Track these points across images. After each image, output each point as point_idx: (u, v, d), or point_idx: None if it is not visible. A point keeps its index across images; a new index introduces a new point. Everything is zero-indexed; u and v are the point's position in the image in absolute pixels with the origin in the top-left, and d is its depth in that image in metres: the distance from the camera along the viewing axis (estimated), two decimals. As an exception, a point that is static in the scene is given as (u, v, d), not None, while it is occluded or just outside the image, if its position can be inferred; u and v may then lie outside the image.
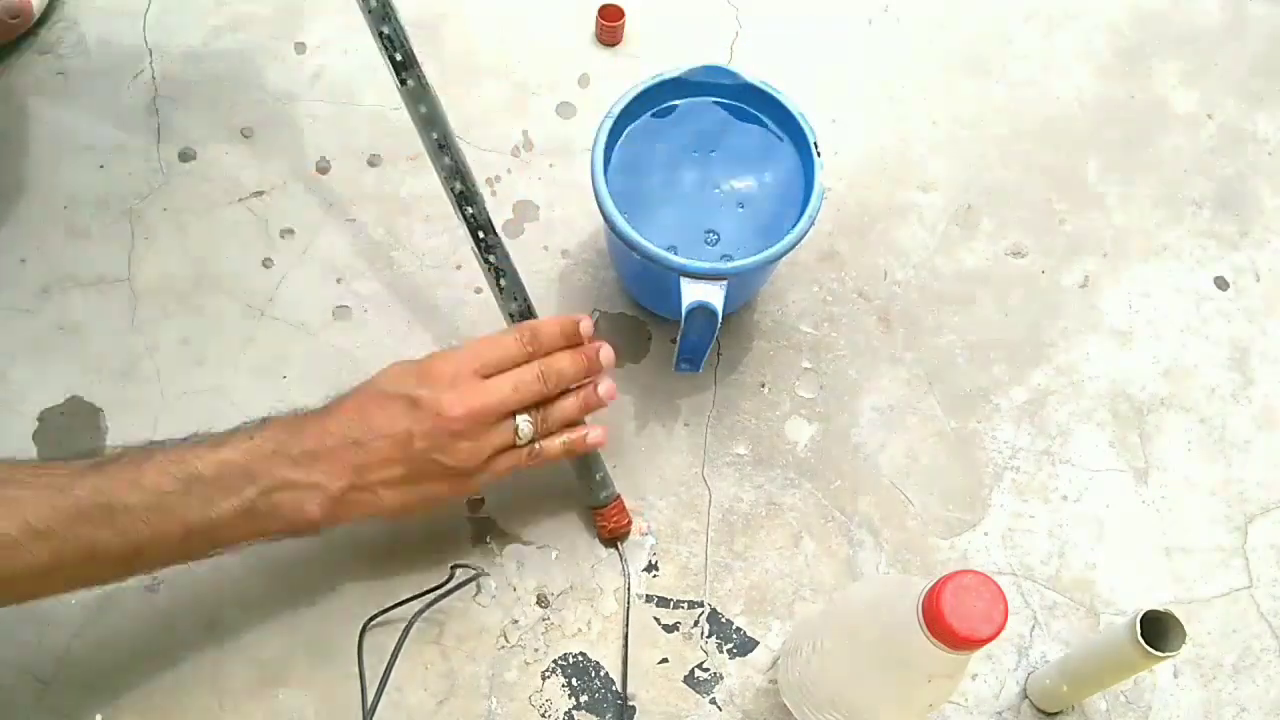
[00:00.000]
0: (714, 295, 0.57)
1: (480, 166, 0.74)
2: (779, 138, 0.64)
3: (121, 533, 0.45)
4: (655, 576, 0.62)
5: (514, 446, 0.54)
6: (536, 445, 0.55)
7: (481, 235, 0.59)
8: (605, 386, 0.57)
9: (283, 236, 0.71)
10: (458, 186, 0.58)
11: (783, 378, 0.68)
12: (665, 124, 0.65)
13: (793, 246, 0.59)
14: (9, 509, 0.43)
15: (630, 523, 0.62)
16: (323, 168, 0.74)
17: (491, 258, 0.59)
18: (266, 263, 0.70)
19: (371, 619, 0.58)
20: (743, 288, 0.65)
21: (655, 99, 0.64)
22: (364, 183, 0.73)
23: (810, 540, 0.64)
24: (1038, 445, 0.68)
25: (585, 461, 0.61)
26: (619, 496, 0.62)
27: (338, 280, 0.70)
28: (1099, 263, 0.74)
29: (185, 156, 0.74)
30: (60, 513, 0.44)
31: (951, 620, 0.38)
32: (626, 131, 0.64)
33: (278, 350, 0.67)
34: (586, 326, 0.57)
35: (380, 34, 0.55)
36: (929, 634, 0.39)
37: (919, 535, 0.64)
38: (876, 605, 0.44)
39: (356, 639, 0.58)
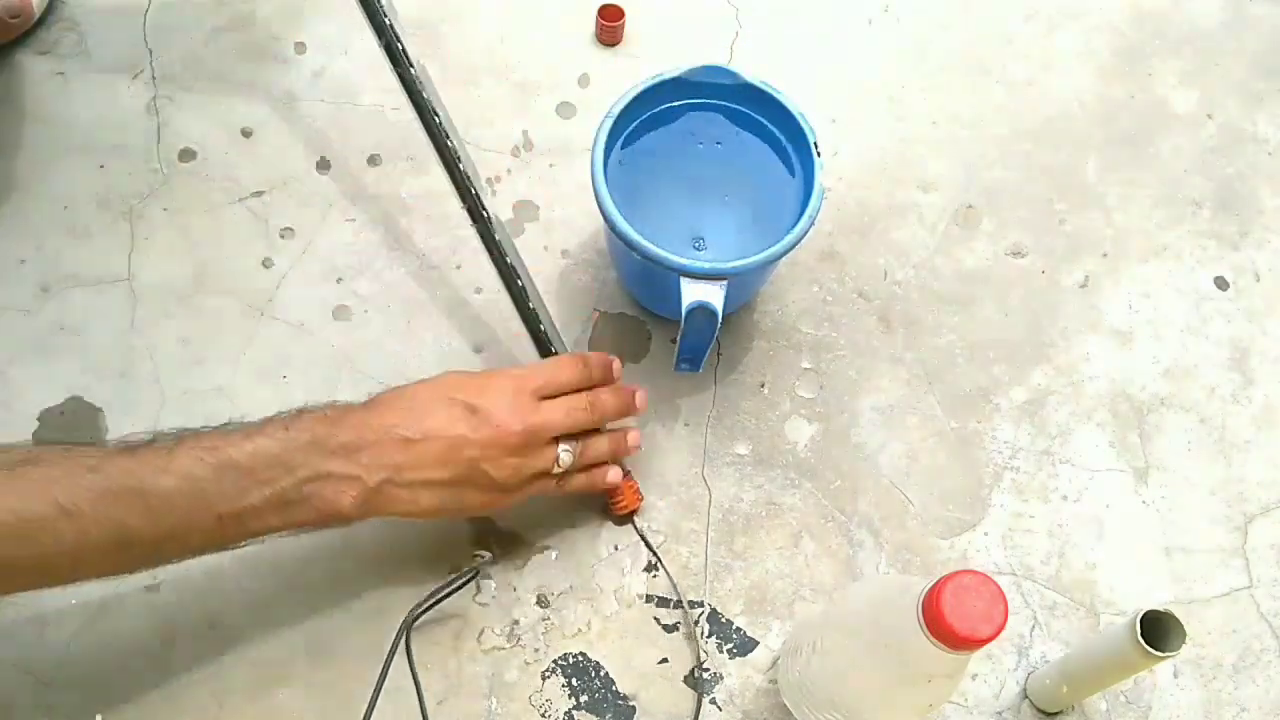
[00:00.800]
0: (714, 295, 0.57)
1: (480, 166, 0.73)
2: (779, 138, 0.64)
3: (152, 516, 0.44)
4: (655, 576, 0.62)
5: (549, 474, 0.55)
6: (568, 476, 0.56)
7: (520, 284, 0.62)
8: (634, 436, 0.60)
9: (283, 236, 0.71)
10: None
11: (783, 378, 0.68)
12: (665, 124, 0.65)
13: (793, 246, 0.59)
14: (38, 488, 0.42)
15: (641, 499, 0.63)
16: (323, 167, 0.74)
17: (530, 304, 0.62)
18: (266, 263, 0.70)
19: (417, 617, 0.58)
20: (743, 288, 0.65)
21: (655, 99, 0.64)
22: (364, 182, 0.73)
23: (810, 540, 0.64)
24: (1038, 445, 0.68)
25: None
26: (629, 473, 0.63)
27: (338, 280, 0.70)
28: (1099, 263, 0.74)
29: (185, 156, 0.73)
30: (90, 492, 0.43)
31: (951, 620, 0.38)
32: (627, 131, 0.64)
33: (278, 350, 0.67)
34: (619, 368, 0.60)
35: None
36: (929, 634, 0.39)
37: (919, 535, 0.64)
38: (876, 605, 0.44)
39: (372, 638, 0.58)
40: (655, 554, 0.62)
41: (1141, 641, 0.49)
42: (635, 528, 0.63)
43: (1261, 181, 0.78)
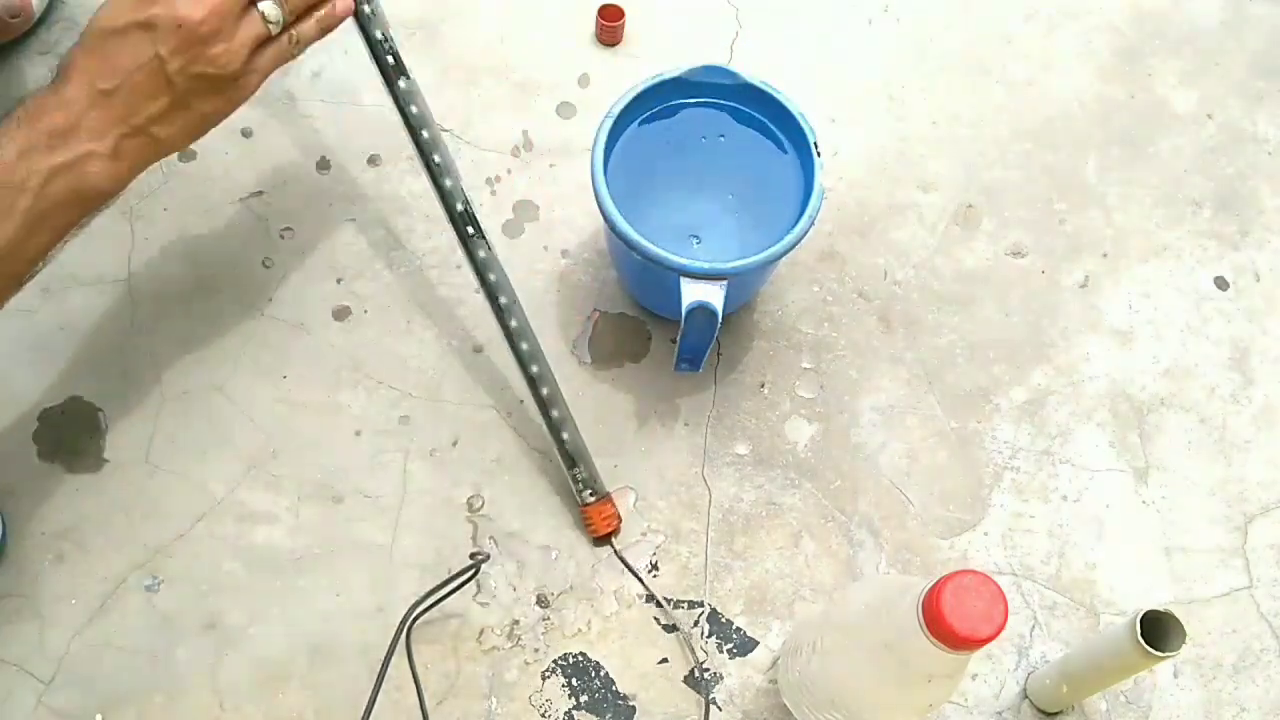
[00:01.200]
0: (714, 295, 0.57)
1: (480, 166, 0.74)
2: (779, 138, 0.64)
3: None
4: (655, 576, 0.62)
5: (270, 38, 0.51)
6: (293, 32, 0.52)
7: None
8: None
9: (282, 236, 0.71)
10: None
11: (783, 378, 0.68)
12: (665, 124, 0.65)
13: (793, 246, 0.59)
14: None
15: (619, 522, 0.62)
16: (323, 167, 0.74)
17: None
18: (266, 262, 0.70)
19: (417, 616, 0.58)
20: (743, 288, 0.65)
21: (655, 99, 0.64)
22: (364, 182, 0.73)
23: (810, 540, 0.64)
24: (1038, 445, 0.68)
25: (569, 456, 0.61)
26: (609, 495, 0.62)
27: (337, 280, 0.70)
28: (1099, 262, 0.74)
29: (185, 156, 0.73)
30: None
31: (951, 620, 0.38)
32: (626, 131, 0.63)
33: (277, 350, 0.67)
34: None
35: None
36: (929, 634, 0.39)
37: (919, 535, 0.64)
38: (876, 605, 0.44)
39: (372, 637, 0.58)
40: (636, 576, 0.62)
41: (1142, 641, 0.49)
42: (614, 550, 0.62)
43: (1262, 181, 0.78)
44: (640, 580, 0.62)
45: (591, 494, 0.62)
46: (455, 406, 0.66)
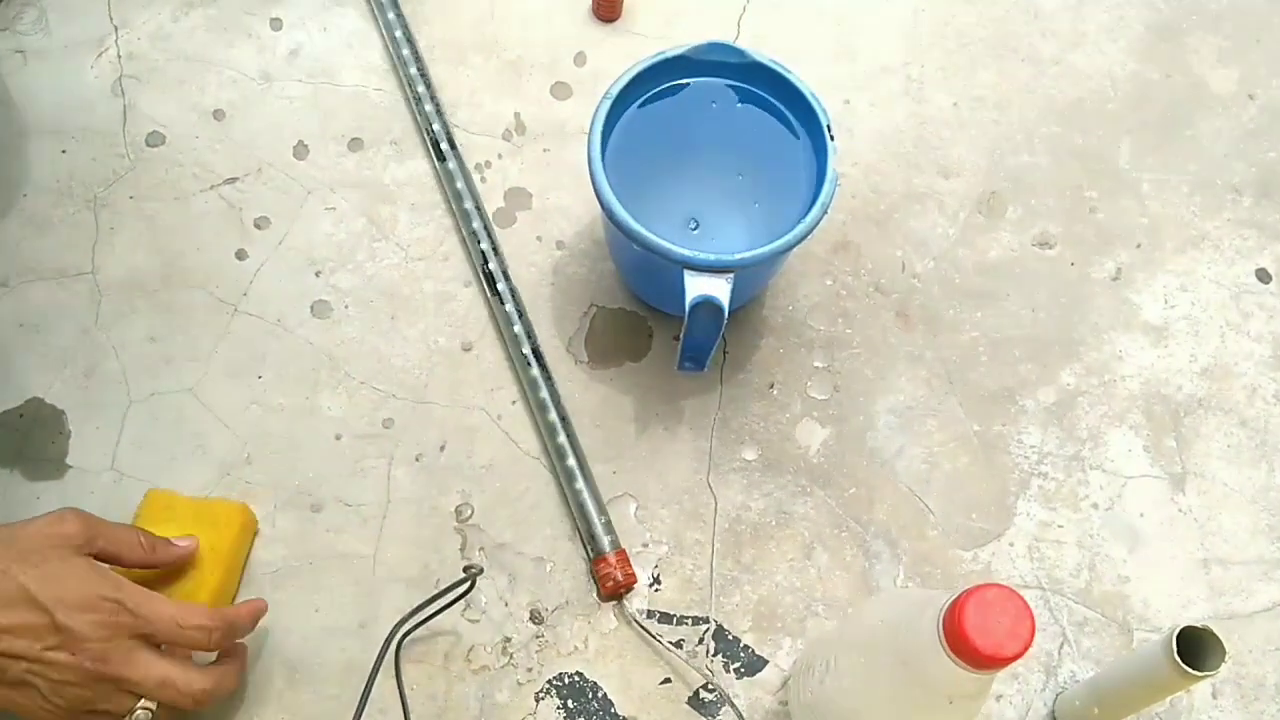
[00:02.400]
0: (720, 289, 0.57)
1: (468, 151, 0.74)
2: (790, 120, 0.64)
3: None
4: (657, 590, 0.62)
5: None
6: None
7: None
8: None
9: (258, 226, 0.71)
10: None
11: (793, 378, 0.68)
12: (668, 106, 0.65)
13: (804, 237, 0.58)
14: None
15: (634, 580, 0.61)
16: (300, 152, 0.74)
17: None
18: (240, 254, 0.70)
19: (405, 633, 0.58)
20: (751, 281, 0.65)
21: (657, 79, 0.64)
22: (345, 168, 0.73)
23: (823, 552, 0.64)
24: (1067, 449, 0.68)
25: (580, 503, 0.62)
26: (621, 549, 0.62)
27: (316, 273, 0.70)
28: (1132, 254, 0.74)
29: (153, 141, 0.73)
30: None
31: (974, 637, 0.38)
32: (626, 114, 0.64)
33: (252, 348, 0.67)
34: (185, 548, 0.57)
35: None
36: (950, 652, 0.39)
37: (939, 546, 0.64)
38: (894, 621, 0.44)
39: (354, 656, 0.58)
40: (654, 636, 0.61)
41: (1178, 660, 0.49)
42: (624, 610, 0.61)
43: (1307, 167, 0.78)
44: (662, 644, 0.61)
45: (609, 541, 0.62)
46: (443, 409, 0.66)
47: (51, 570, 0.49)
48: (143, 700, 0.50)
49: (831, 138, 0.61)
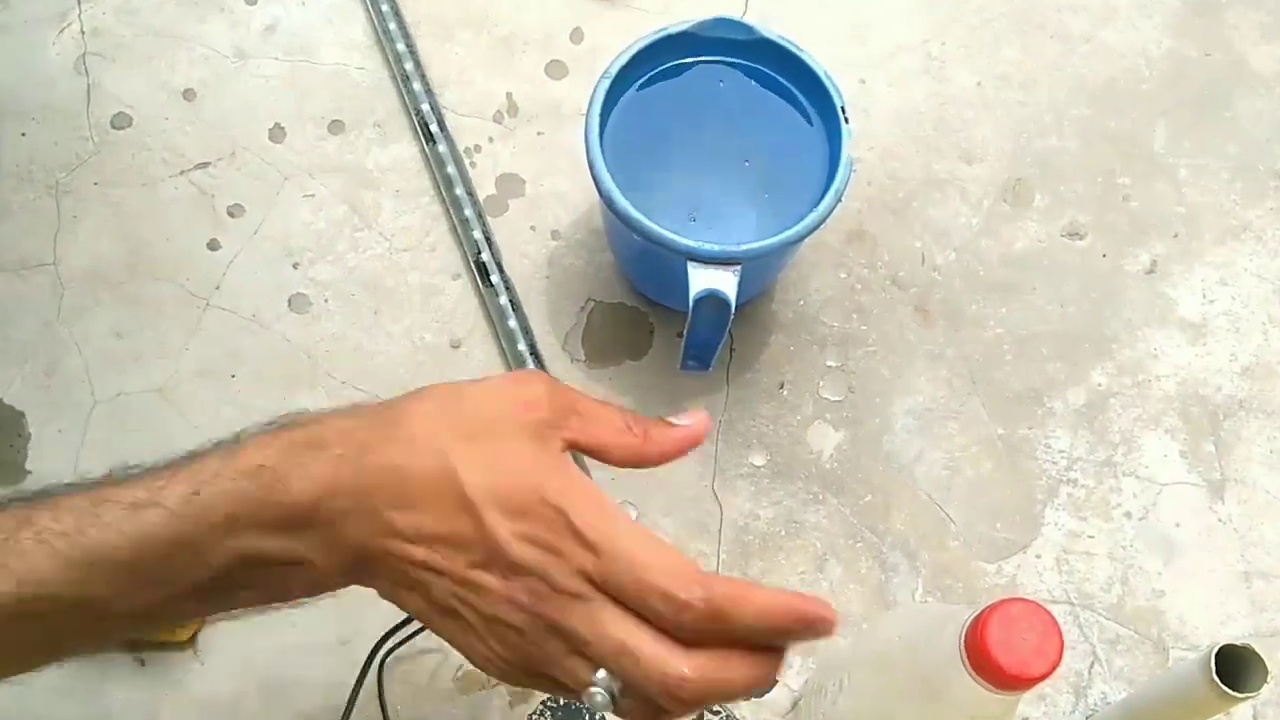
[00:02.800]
0: (726, 282, 0.57)
1: (457, 135, 0.74)
2: (801, 102, 0.64)
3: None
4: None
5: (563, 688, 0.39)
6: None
7: None
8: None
9: (231, 214, 0.71)
10: None
11: (805, 377, 0.68)
12: (671, 86, 0.65)
13: (817, 226, 0.58)
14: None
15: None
16: (277, 135, 0.74)
17: None
18: (212, 244, 0.70)
19: (389, 651, 0.57)
20: (759, 274, 0.65)
21: (659, 57, 0.64)
22: (324, 152, 0.73)
23: (836, 564, 0.64)
24: (1098, 455, 0.68)
25: None
26: None
27: (294, 265, 0.70)
28: (1168, 245, 0.74)
29: (119, 123, 0.73)
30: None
31: (998, 655, 0.38)
32: (626, 94, 0.63)
33: (225, 345, 0.67)
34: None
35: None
36: (973, 671, 0.39)
37: (961, 558, 0.64)
38: (912, 638, 0.44)
39: (334, 674, 0.58)
40: None
41: (1216, 680, 0.49)
42: None
43: (1355, 151, 0.78)
44: None
45: None
46: (429, 410, 0.66)
47: (495, 450, 0.37)
48: (601, 671, 0.36)
49: (846, 120, 0.61)
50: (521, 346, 0.66)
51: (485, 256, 0.69)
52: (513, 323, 0.67)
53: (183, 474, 0.39)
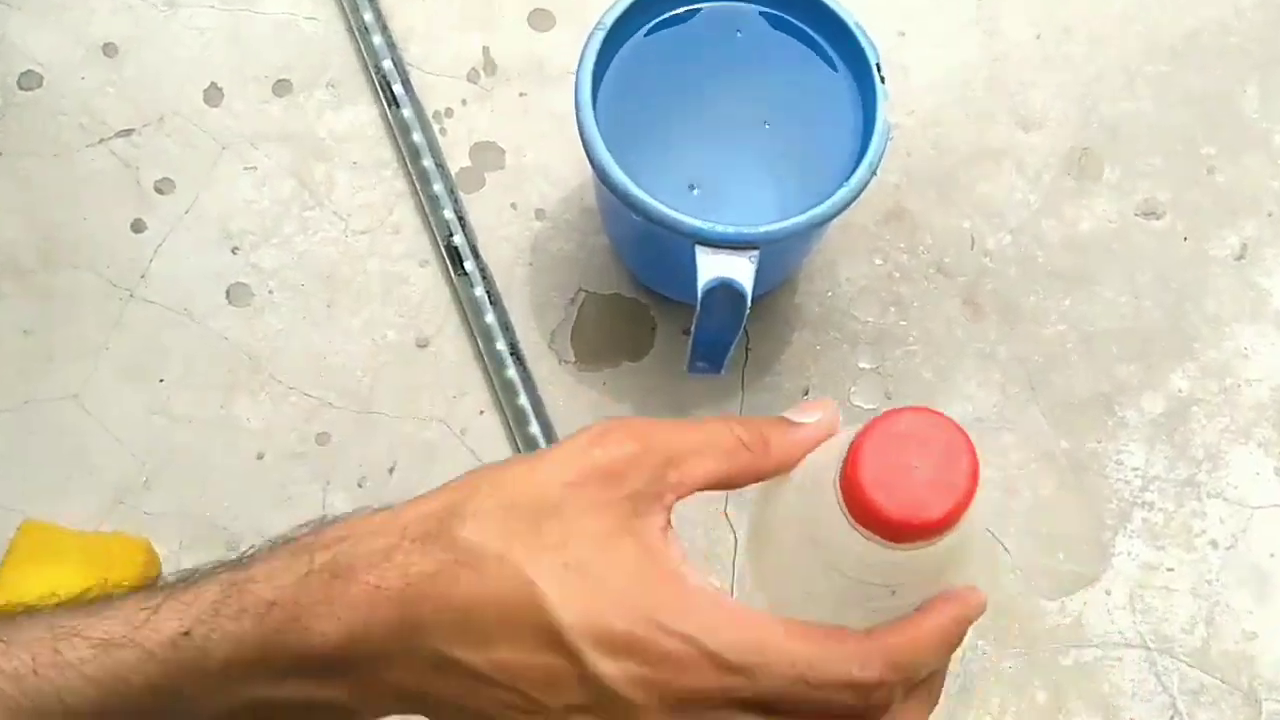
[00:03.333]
0: (741, 270, 0.57)
1: (425, 96, 0.73)
2: (829, 56, 0.64)
3: None
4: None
5: None
6: None
7: None
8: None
9: (159, 190, 0.71)
10: None
11: (834, 381, 0.68)
12: (676, 38, 0.65)
13: (847, 204, 0.58)
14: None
15: None
16: (213, 98, 0.74)
17: None
18: (137, 226, 0.70)
19: None
20: (780, 260, 0.65)
21: (663, 3, 0.64)
22: (269, 117, 0.73)
23: (871, 601, 0.64)
24: (1178, 473, 0.68)
25: None
26: None
27: (233, 249, 0.70)
28: (1261, 225, 0.74)
29: (27, 83, 0.73)
30: None
31: (875, 494, 0.31)
32: (624, 47, 0.63)
33: (152, 344, 0.67)
34: None
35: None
36: (852, 519, 0.32)
37: (1017, 595, 0.64)
38: (799, 482, 0.37)
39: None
40: None
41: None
42: None
43: None
44: None
45: None
46: (392, 420, 0.66)
47: (583, 561, 0.34)
48: None
49: (882, 79, 0.61)
50: (500, 346, 0.66)
51: (458, 240, 0.69)
52: (490, 318, 0.67)
53: (172, 604, 0.35)
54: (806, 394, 0.68)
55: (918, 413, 0.32)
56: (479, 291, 0.68)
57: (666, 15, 0.64)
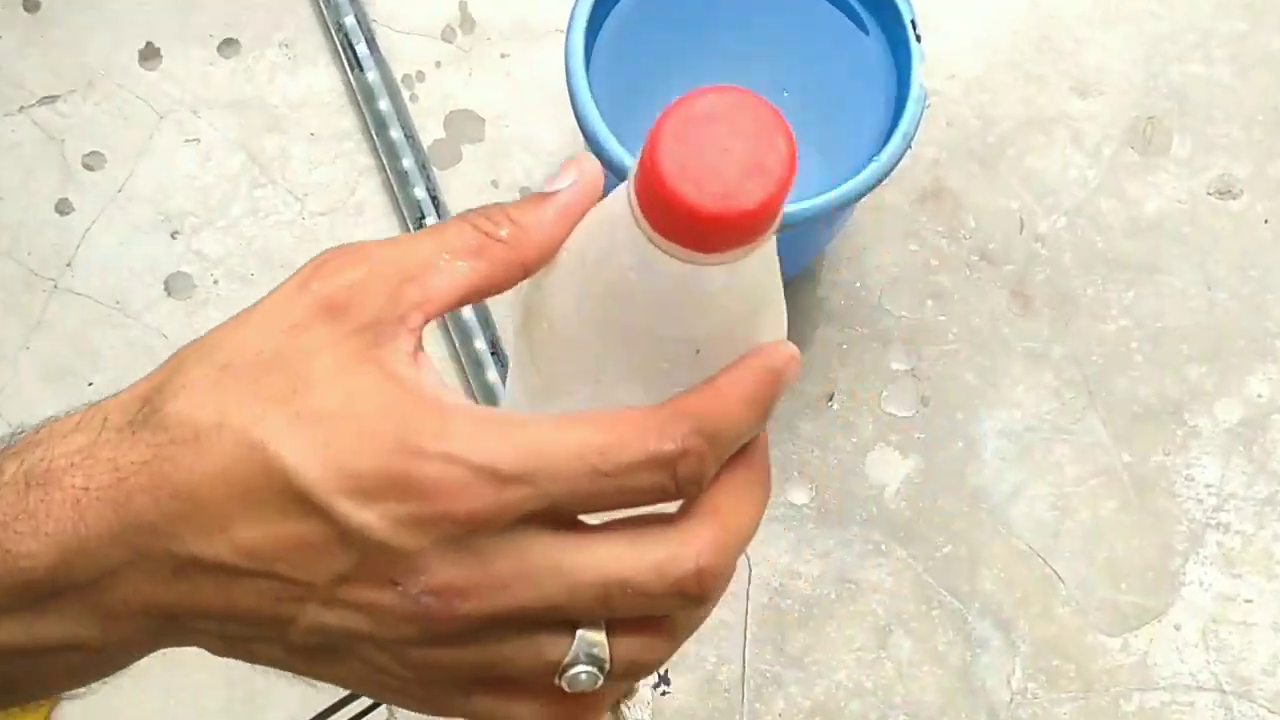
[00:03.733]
0: (756, 257, 0.57)
1: (392, 57, 0.73)
2: (857, 12, 0.64)
3: None
4: (666, 694, 0.62)
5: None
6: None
7: None
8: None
9: (88, 166, 0.71)
10: None
11: (863, 385, 0.68)
12: (680, -9, 0.64)
13: (877, 182, 0.58)
14: None
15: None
16: (150, 58, 0.73)
17: None
18: (62, 206, 0.70)
19: None
20: (800, 246, 0.65)
21: (665, -48, 0.63)
22: (213, 81, 0.73)
23: (905, 637, 0.64)
24: (1257, 490, 0.67)
25: None
26: None
27: (173, 234, 0.70)
28: (1352, 207, 0.74)
29: (-63, 41, 0.73)
30: None
31: (678, 182, 0.29)
32: (621, 3, 0.63)
33: (80, 342, 0.67)
34: None
35: None
36: (649, 225, 0.30)
37: (1074, 630, 0.64)
38: (575, 243, 0.35)
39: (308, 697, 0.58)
40: None
41: None
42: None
43: None
44: None
45: None
46: (354, 430, 0.66)
47: (317, 405, 0.32)
48: (582, 632, 0.34)
49: (918, 38, 0.61)
50: (480, 344, 0.66)
51: (431, 222, 0.68)
52: (467, 311, 0.67)
53: None
54: (831, 400, 0.68)
55: (722, 92, 0.30)
56: (455, 282, 0.67)
57: (670, -35, 0.64)
